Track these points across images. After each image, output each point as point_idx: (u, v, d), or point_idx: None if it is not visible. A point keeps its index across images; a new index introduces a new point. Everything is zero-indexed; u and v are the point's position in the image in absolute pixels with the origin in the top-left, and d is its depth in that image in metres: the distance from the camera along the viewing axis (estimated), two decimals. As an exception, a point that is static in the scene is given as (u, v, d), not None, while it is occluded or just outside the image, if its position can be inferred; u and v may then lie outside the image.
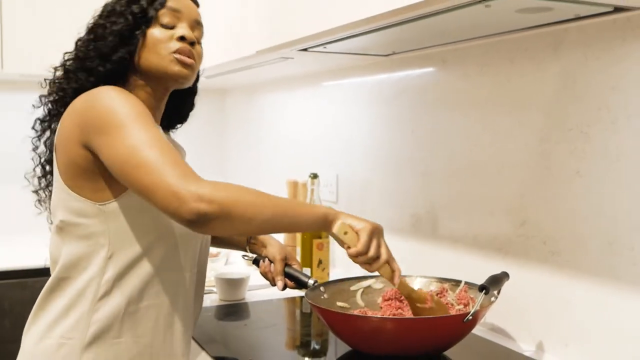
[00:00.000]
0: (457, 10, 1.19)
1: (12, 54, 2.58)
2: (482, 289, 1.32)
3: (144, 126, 1.14)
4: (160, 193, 1.07)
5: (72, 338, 1.19)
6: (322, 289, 1.50)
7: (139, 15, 1.29)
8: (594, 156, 1.33)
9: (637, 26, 1.23)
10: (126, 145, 1.12)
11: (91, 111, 1.17)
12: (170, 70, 1.29)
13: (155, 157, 1.10)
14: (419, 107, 1.86)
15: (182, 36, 1.30)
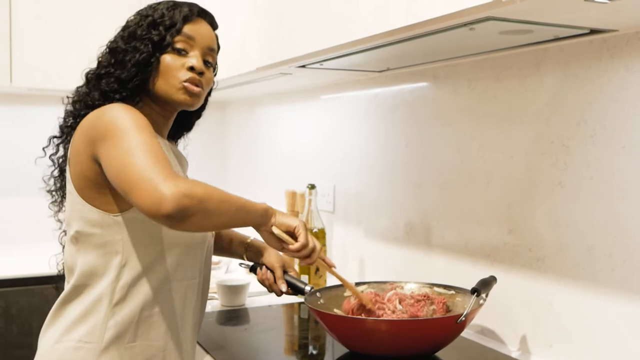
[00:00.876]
0: (445, 32, 1.27)
1: (20, 69, 2.65)
2: (474, 292, 1.40)
3: (139, 132, 1.19)
4: (143, 190, 1.11)
5: (89, 342, 1.26)
6: (319, 295, 1.57)
7: (157, 42, 1.34)
8: (574, 168, 1.41)
9: (612, 46, 1.31)
10: (120, 148, 1.17)
11: (98, 123, 1.24)
12: (177, 98, 1.35)
13: (143, 159, 1.14)
14: (412, 121, 1.94)
15: (192, 67, 1.35)
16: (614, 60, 1.31)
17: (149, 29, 1.35)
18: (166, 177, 1.12)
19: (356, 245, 2.22)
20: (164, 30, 1.34)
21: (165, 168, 1.14)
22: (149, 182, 1.12)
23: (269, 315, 1.93)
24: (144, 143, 1.17)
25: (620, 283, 1.31)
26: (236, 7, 2.10)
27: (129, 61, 1.32)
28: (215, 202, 1.16)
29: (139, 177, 1.13)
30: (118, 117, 1.22)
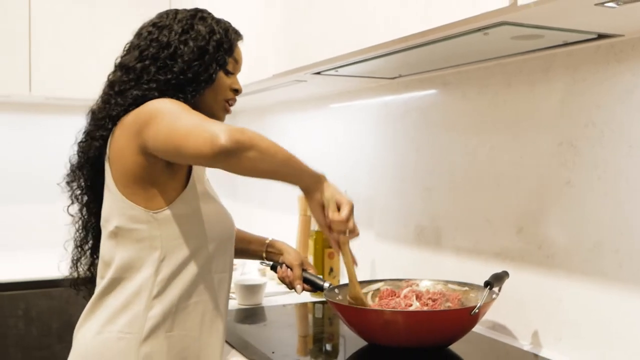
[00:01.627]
0: (459, 38, 1.34)
1: (39, 79, 2.73)
2: (487, 285, 1.46)
3: (182, 107, 1.28)
4: (196, 135, 1.18)
5: (130, 333, 1.32)
6: (337, 291, 1.64)
7: (222, 63, 1.44)
8: (582, 167, 1.47)
9: (618, 51, 1.38)
10: (167, 120, 1.25)
11: (139, 115, 1.31)
12: (218, 114, 1.48)
13: (191, 117, 1.23)
14: (422, 127, 2.00)
15: (237, 89, 1.49)
16: (620, 64, 1.38)
17: (218, 48, 1.44)
18: (217, 122, 1.21)
19: (368, 247, 2.27)
20: (223, 53, 1.45)
21: (213, 120, 1.22)
22: (201, 127, 1.19)
23: (285, 313, 1.99)
24: (188, 110, 1.27)
25: (627, 278, 1.37)
26: (252, 15, 2.17)
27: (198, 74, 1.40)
28: (266, 144, 1.22)
29: (190, 128, 1.20)
30: (159, 103, 1.31)
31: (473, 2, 1.15)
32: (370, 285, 1.71)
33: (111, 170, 1.37)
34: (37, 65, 2.74)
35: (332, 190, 1.36)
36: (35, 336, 2.48)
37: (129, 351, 1.32)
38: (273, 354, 1.53)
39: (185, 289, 1.36)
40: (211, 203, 1.44)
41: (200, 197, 1.40)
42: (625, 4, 1.04)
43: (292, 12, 1.86)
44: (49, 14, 2.77)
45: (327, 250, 2.15)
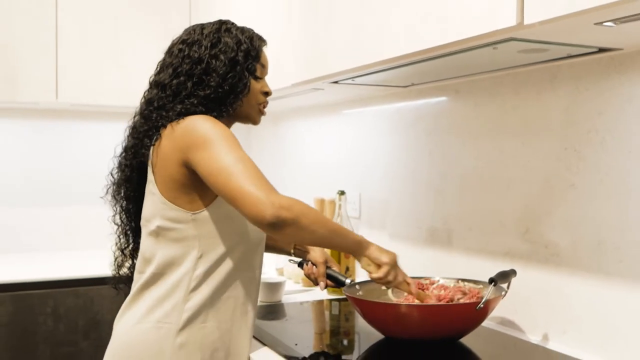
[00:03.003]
0: (471, 51, 1.45)
1: (65, 86, 2.84)
2: (491, 281, 1.56)
3: (233, 145, 1.38)
4: (248, 200, 1.30)
5: (168, 322, 1.43)
6: (358, 287, 1.74)
7: (253, 71, 1.54)
8: (585, 171, 1.57)
9: (619, 63, 1.48)
10: (221, 159, 1.35)
11: (191, 134, 1.40)
12: (253, 118, 1.60)
13: (246, 174, 1.33)
14: (434, 132, 2.11)
15: (267, 92, 1.59)
16: (620, 75, 1.48)
17: (247, 57, 1.53)
18: (269, 192, 1.30)
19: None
20: (252, 60, 1.54)
21: (266, 183, 1.33)
22: (255, 195, 1.30)
23: (303, 310, 2.10)
24: (242, 158, 1.36)
25: (628, 274, 1.47)
26: (273, 25, 2.27)
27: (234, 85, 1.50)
28: (310, 220, 1.34)
29: (245, 191, 1.30)
30: (210, 128, 1.39)
31: (484, 20, 1.26)
32: None
33: (155, 176, 1.47)
34: (64, 73, 2.86)
35: (371, 254, 1.49)
36: (63, 332, 2.58)
37: (166, 340, 1.42)
38: (296, 346, 1.63)
39: (220, 285, 1.46)
40: None
41: None
42: (622, 23, 1.14)
43: (312, 24, 1.95)
44: (75, 25, 2.89)
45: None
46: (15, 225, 3.14)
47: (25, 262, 2.93)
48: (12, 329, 2.52)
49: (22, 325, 2.53)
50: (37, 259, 2.99)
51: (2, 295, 2.50)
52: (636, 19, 1.12)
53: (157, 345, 1.42)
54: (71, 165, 3.18)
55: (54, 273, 2.63)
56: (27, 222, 3.16)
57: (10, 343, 2.52)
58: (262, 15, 2.36)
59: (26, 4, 2.81)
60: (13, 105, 3.02)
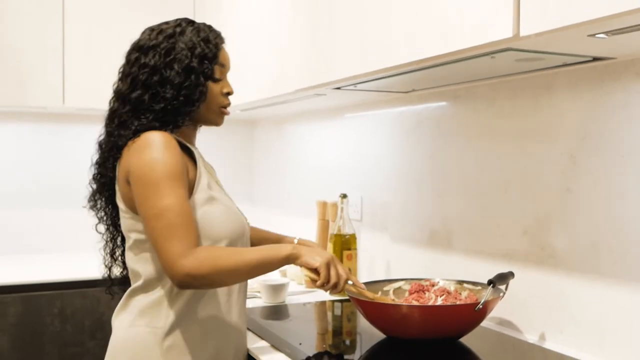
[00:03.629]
0: (470, 60, 1.49)
1: (72, 91, 2.91)
2: (490, 283, 1.61)
3: (171, 190, 1.39)
4: (163, 259, 1.38)
5: (156, 327, 1.50)
6: None
7: (210, 75, 1.53)
8: (580, 175, 1.62)
9: (612, 72, 1.53)
10: (149, 206, 1.39)
11: (138, 160, 1.43)
12: (215, 121, 1.60)
13: (166, 227, 1.37)
14: (435, 136, 2.15)
15: (229, 93, 1.58)
16: (614, 83, 1.53)
17: (202, 62, 1.52)
18: (178, 256, 1.35)
19: (383, 249, 2.42)
20: (209, 63, 1.53)
21: (180, 243, 1.36)
22: (167, 258, 1.37)
23: (306, 311, 2.14)
24: (168, 209, 1.38)
25: (621, 274, 1.52)
26: (277, 31, 2.32)
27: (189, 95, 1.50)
28: (223, 274, 1.40)
29: (160, 248, 1.38)
30: (155, 161, 1.41)
31: (482, 32, 1.31)
32: (393, 284, 1.86)
33: (119, 191, 1.52)
34: (70, 79, 2.92)
35: (303, 262, 1.47)
36: (70, 333, 2.63)
37: (154, 343, 1.49)
38: (300, 345, 1.68)
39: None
40: (217, 205, 1.53)
41: (205, 202, 1.50)
42: (614, 35, 1.19)
43: (315, 31, 2.00)
44: (81, 32, 2.95)
45: (346, 252, 2.30)
46: (23, 227, 3.22)
47: (34, 263, 2.99)
48: (21, 329, 2.57)
49: (31, 326, 2.58)
50: (44, 261, 3.05)
51: (11, 297, 2.56)
52: (628, 31, 1.17)
53: (149, 348, 1.50)
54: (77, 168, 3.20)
55: (61, 274, 2.69)
56: (35, 223, 3.23)
57: (19, 343, 2.57)
58: (266, 24, 2.41)
59: (33, 13, 2.88)
60: (21, 109, 3.09)
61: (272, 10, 2.36)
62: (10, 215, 3.20)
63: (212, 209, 1.51)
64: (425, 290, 1.74)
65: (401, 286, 1.83)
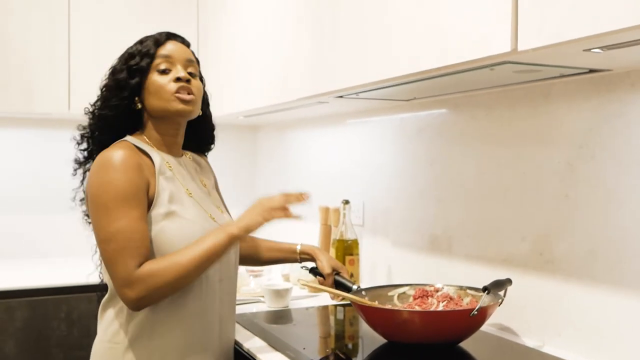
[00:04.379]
0: (469, 72, 1.53)
1: (77, 97, 2.95)
2: (485, 290, 1.63)
3: (121, 213, 1.42)
4: (114, 284, 1.45)
5: (117, 343, 1.53)
6: (364, 293, 1.82)
7: (137, 68, 1.57)
8: (578, 183, 1.66)
9: (608, 83, 1.57)
10: (102, 229, 1.44)
11: (90, 183, 1.49)
12: (173, 108, 1.56)
13: (115, 251, 1.41)
14: (435, 143, 2.19)
15: (178, 77, 1.57)
16: (610, 94, 1.57)
17: (126, 61, 1.59)
18: (123, 283, 1.41)
19: (384, 255, 2.46)
20: (139, 58, 1.57)
21: (126, 267, 1.40)
22: (115, 283, 1.43)
23: (309, 315, 2.18)
24: (118, 233, 1.42)
25: (617, 280, 1.56)
26: (280, 41, 2.36)
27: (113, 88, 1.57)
28: (171, 284, 1.43)
29: (111, 273, 1.44)
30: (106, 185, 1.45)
31: (481, 46, 1.34)
32: (397, 289, 1.89)
33: (86, 204, 1.56)
34: (76, 86, 2.97)
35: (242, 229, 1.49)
36: (76, 337, 2.67)
37: (116, 358, 1.52)
38: (304, 350, 1.72)
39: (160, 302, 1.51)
40: (176, 220, 1.52)
41: (163, 218, 1.50)
42: (609, 50, 1.23)
43: (318, 42, 2.03)
44: (86, 41, 2.99)
45: (348, 258, 2.34)
46: (30, 231, 3.26)
47: (40, 268, 3.02)
48: (28, 333, 2.61)
49: (37, 330, 2.62)
50: (50, 265, 3.09)
51: (18, 301, 2.59)
52: (622, 46, 1.20)
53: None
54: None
55: (67, 279, 2.72)
56: (41, 228, 3.27)
57: (26, 347, 2.60)
58: (270, 33, 2.45)
59: (40, 20, 2.92)
60: (27, 115, 3.14)
61: (277, 20, 2.40)
62: (16, 220, 3.24)
63: (170, 225, 1.51)
64: (429, 295, 1.78)
65: (406, 291, 1.86)
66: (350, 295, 1.74)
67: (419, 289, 1.82)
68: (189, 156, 1.73)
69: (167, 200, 1.52)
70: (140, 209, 1.46)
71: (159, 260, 1.45)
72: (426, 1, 1.51)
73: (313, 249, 1.88)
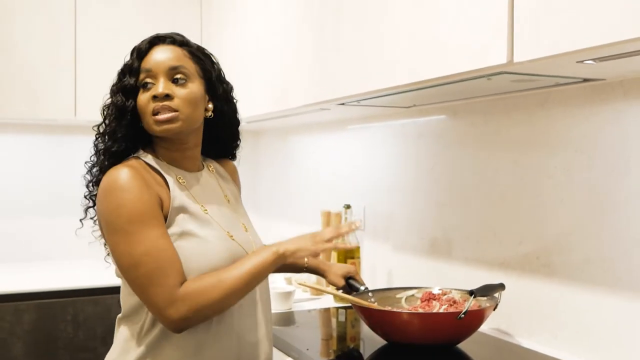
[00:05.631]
0: (467, 81, 1.59)
1: (83, 104, 3.00)
2: (471, 294, 1.65)
3: (142, 235, 1.33)
4: (152, 310, 1.35)
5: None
6: (371, 294, 1.87)
7: (128, 88, 1.44)
8: (573, 188, 1.71)
9: (601, 91, 1.62)
10: (126, 255, 1.34)
11: (101, 207, 1.38)
12: (154, 130, 1.43)
13: (147, 275, 1.32)
14: (435, 148, 2.23)
15: (154, 95, 1.41)
16: (603, 102, 1.62)
17: (120, 79, 1.47)
18: (164, 305, 1.32)
19: (385, 258, 2.51)
20: (129, 75, 1.45)
21: (163, 289, 1.32)
22: (154, 308, 1.34)
23: (312, 317, 2.23)
24: (145, 256, 1.33)
25: (612, 282, 1.61)
26: (284, 49, 2.41)
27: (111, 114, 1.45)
28: (216, 304, 1.35)
29: (146, 299, 1.35)
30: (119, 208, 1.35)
31: (479, 57, 1.40)
32: (406, 292, 1.93)
33: (100, 229, 1.45)
34: (82, 92, 3.02)
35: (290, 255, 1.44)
36: (82, 339, 2.71)
37: None
38: (307, 351, 1.77)
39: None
40: (191, 240, 1.42)
41: (178, 237, 1.41)
42: (601, 61, 1.28)
43: (321, 52, 2.08)
44: (92, 47, 3.05)
45: (349, 261, 2.39)
46: (37, 235, 3.32)
47: (47, 271, 3.08)
48: (35, 335, 2.65)
49: (44, 332, 2.67)
50: (57, 269, 3.14)
51: (26, 304, 2.64)
52: (614, 58, 1.26)
53: None
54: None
55: (74, 282, 2.77)
56: (48, 231, 3.33)
57: (33, 349, 2.65)
58: (273, 42, 2.49)
59: (46, 27, 2.98)
60: (34, 121, 3.20)
61: (279, 28, 2.45)
62: (24, 224, 3.30)
63: (185, 244, 1.41)
64: (436, 299, 1.82)
65: (414, 294, 1.90)
66: (349, 297, 1.78)
67: (426, 292, 1.86)
68: (211, 168, 1.62)
69: (181, 220, 1.42)
70: (160, 226, 1.37)
71: (203, 278, 1.36)
72: (425, 14, 1.57)
73: (319, 264, 1.88)
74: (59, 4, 3.01)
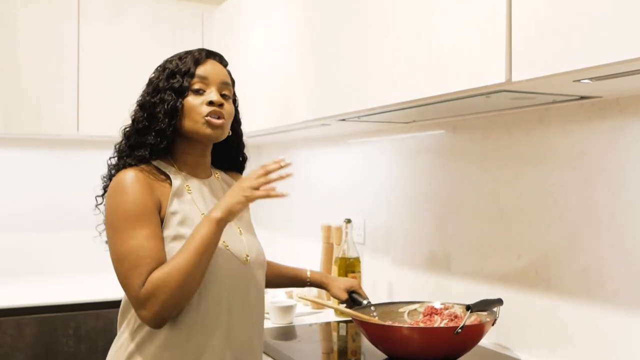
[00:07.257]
0: (466, 99, 1.61)
1: (86, 119, 3.04)
2: (468, 308, 1.68)
3: (131, 233, 1.42)
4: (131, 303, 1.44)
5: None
6: (373, 308, 1.88)
7: (178, 88, 1.53)
8: (571, 204, 1.73)
9: (598, 109, 1.65)
10: (114, 250, 1.45)
11: (107, 201, 1.50)
12: (202, 132, 1.54)
13: (127, 271, 1.41)
14: (435, 163, 2.26)
15: (211, 101, 1.54)
16: (600, 119, 1.65)
17: (169, 79, 1.54)
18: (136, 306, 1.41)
19: (385, 272, 2.52)
20: (180, 77, 1.54)
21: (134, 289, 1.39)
22: (132, 300, 1.43)
23: (313, 331, 2.25)
24: (129, 253, 1.41)
25: (609, 296, 1.63)
26: (287, 66, 2.44)
27: (160, 112, 1.51)
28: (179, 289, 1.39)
29: (125, 291, 1.44)
30: (117, 206, 1.46)
31: (478, 76, 1.43)
32: (408, 306, 1.94)
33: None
34: (85, 108, 3.06)
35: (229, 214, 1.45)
36: (84, 353, 2.73)
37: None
38: (309, 364, 1.79)
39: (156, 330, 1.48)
40: (182, 243, 1.46)
41: (171, 240, 1.48)
42: (597, 80, 1.31)
43: (322, 69, 2.11)
44: (95, 63, 3.09)
45: (350, 275, 2.41)
46: (39, 249, 3.34)
47: (49, 285, 3.09)
48: (37, 349, 2.67)
49: (46, 346, 2.68)
50: (59, 283, 3.16)
51: (27, 318, 2.66)
52: (609, 77, 1.29)
53: None
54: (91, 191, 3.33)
55: (75, 296, 2.79)
56: (50, 246, 3.36)
57: (35, 363, 2.67)
58: (276, 58, 2.53)
59: (50, 43, 3.01)
60: (37, 136, 3.23)
61: (281, 46, 2.48)
62: (26, 238, 3.33)
63: (177, 247, 1.46)
64: (437, 313, 1.84)
65: (417, 308, 1.92)
66: (349, 311, 1.80)
67: (428, 307, 1.88)
68: (219, 177, 1.70)
69: (176, 223, 1.49)
70: (151, 227, 1.44)
71: (159, 270, 1.41)
72: (426, 33, 1.60)
73: (322, 278, 1.92)
74: (63, 22, 3.05)
